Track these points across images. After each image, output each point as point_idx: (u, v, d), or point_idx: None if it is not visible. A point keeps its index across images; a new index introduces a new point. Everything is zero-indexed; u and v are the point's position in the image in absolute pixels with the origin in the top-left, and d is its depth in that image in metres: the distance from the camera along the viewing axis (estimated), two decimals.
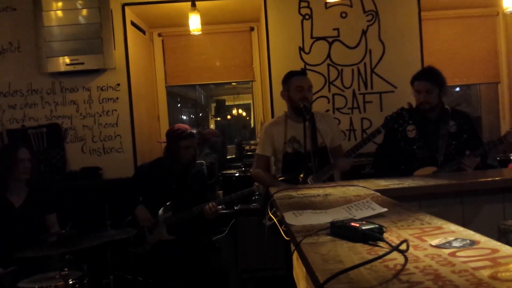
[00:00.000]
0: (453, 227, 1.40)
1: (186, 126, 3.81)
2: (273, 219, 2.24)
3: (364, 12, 4.56)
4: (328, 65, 4.57)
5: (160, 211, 3.66)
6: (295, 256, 1.99)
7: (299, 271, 1.90)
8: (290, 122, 3.46)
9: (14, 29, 4.46)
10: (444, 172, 3.14)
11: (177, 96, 10.21)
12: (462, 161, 3.10)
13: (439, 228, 1.40)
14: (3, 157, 3.45)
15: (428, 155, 3.29)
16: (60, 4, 4.32)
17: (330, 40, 4.57)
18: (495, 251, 1.12)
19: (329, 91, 4.58)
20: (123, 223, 3.62)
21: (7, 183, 3.41)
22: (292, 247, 1.73)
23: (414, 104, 3.38)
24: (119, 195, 3.78)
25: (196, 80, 5.80)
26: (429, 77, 3.33)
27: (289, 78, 3.45)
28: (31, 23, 4.38)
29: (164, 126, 5.48)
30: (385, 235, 1.34)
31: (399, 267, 1.06)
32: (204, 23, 4.44)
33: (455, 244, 1.20)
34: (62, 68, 4.37)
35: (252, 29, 5.43)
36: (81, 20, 4.33)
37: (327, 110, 4.50)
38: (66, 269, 2.71)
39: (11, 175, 3.39)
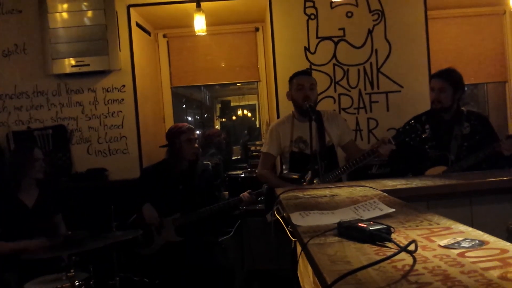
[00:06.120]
0: (462, 227, 1.38)
1: (182, 123, 3.86)
2: (275, 216, 2.24)
3: (370, 11, 4.54)
4: (334, 65, 4.55)
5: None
6: (300, 256, 1.98)
7: (304, 271, 1.89)
8: (296, 122, 3.46)
9: (20, 31, 4.47)
10: (454, 170, 3.12)
11: (182, 97, 10.22)
12: (501, 143, 3.02)
13: (448, 228, 1.39)
14: (20, 157, 3.47)
15: (440, 154, 3.28)
16: (65, 6, 4.33)
17: (335, 40, 4.55)
18: (504, 251, 1.12)
19: (335, 91, 4.56)
20: (128, 223, 3.62)
21: (20, 183, 3.42)
22: (299, 248, 1.72)
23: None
24: (125, 196, 3.78)
25: (201, 81, 5.80)
26: (444, 75, 3.32)
27: (291, 78, 3.50)
28: (37, 25, 4.39)
29: None
30: (393, 236, 1.34)
31: (407, 267, 1.06)
32: (209, 24, 4.44)
33: (464, 244, 1.20)
34: (68, 70, 4.37)
35: (257, 29, 5.41)
36: (86, 21, 4.34)
37: (333, 110, 4.48)
38: (72, 271, 2.71)
39: (26, 174, 3.41)
